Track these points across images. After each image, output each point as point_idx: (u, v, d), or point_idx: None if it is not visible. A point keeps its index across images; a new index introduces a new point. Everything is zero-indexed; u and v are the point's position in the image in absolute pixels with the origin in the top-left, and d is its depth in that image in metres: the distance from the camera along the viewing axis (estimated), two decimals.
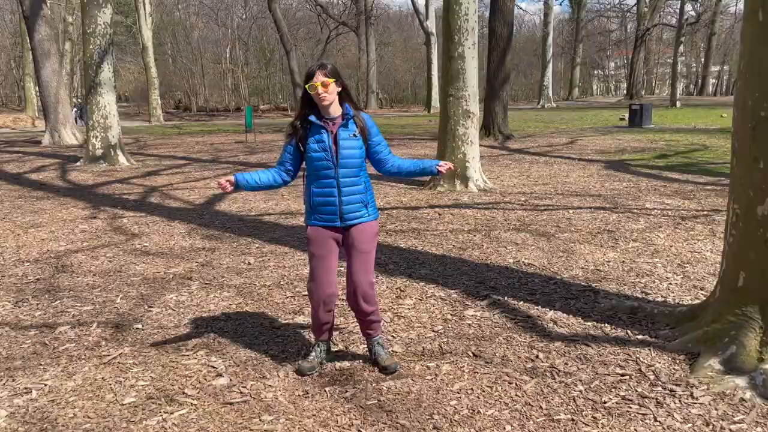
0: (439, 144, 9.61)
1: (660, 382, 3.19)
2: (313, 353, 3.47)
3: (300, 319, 4.20)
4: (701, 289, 4.66)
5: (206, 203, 8.62)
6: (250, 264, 5.53)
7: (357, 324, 3.64)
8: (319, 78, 3.13)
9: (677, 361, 3.42)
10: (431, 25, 34.86)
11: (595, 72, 67.55)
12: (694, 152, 13.54)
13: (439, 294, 4.64)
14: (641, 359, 3.45)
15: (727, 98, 43.00)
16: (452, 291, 4.69)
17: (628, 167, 11.37)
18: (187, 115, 38.39)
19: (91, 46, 12.92)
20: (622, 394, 3.09)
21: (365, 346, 3.68)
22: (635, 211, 7.46)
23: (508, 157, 13.19)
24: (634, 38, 43.61)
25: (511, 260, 5.46)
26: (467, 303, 4.43)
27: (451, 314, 4.22)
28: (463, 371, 3.37)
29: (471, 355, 3.58)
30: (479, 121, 10.93)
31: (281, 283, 4.98)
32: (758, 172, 3.29)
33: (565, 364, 3.44)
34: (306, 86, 3.18)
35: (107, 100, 13.19)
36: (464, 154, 9.24)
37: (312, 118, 3.22)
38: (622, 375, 3.28)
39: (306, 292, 4.08)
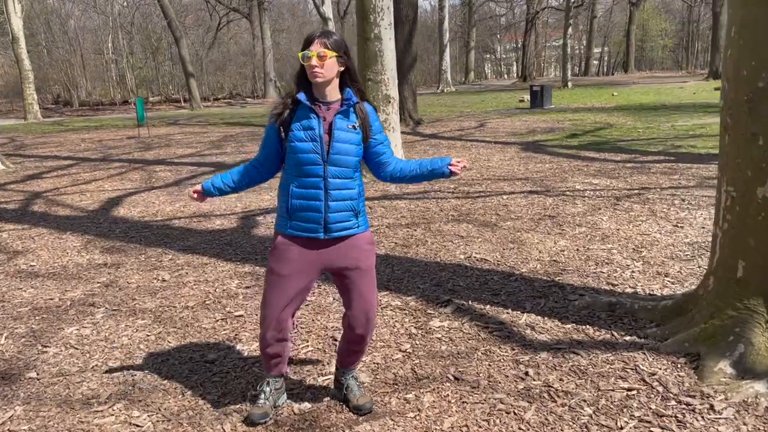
0: None
1: (671, 395, 2.81)
2: (263, 394, 2.80)
3: (239, 348, 3.51)
4: (666, 276, 4.39)
5: (102, 209, 7.57)
6: (165, 281, 4.72)
7: (306, 349, 3.01)
8: (317, 47, 2.46)
9: (679, 366, 3.06)
10: (327, 10, 33.89)
11: (487, 56, 69.25)
12: (600, 130, 13.75)
13: (395, 303, 4.08)
14: (640, 366, 3.07)
15: (612, 78, 45.23)
16: (408, 298, 4.15)
17: (545, 148, 11.30)
18: (69, 111, 35.36)
19: None
20: (636, 414, 2.67)
21: (325, 377, 3.07)
22: (568, 193, 7.24)
23: (425, 143, 12.81)
24: (525, 22, 44.79)
25: (462, 256, 5.00)
26: (429, 312, 3.90)
27: (415, 327, 3.68)
28: (450, 402, 2.84)
29: (452, 379, 3.05)
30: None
31: (207, 302, 4.24)
32: (757, 149, 2.96)
33: (560, 380, 2.99)
34: (299, 54, 2.50)
35: None
36: None
37: (301, 96, 2.54)
38: (628, 390, 2.87)
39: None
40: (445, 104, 26.02)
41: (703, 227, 5.53)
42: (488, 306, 3.94)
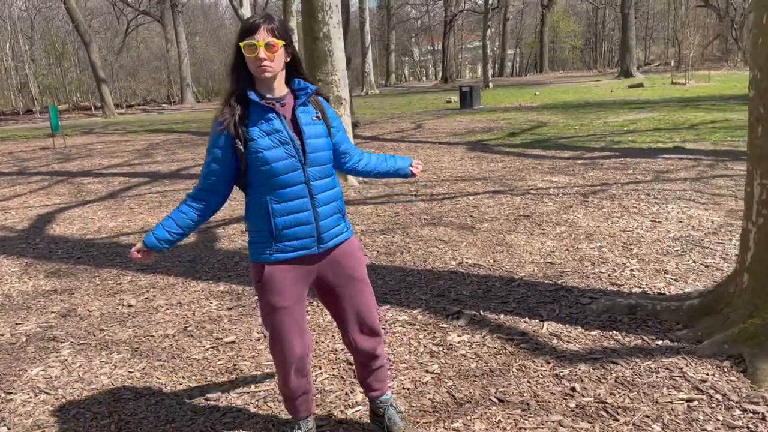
0: None
1: (734, 403, 2.64)
2: None
3: (242, 380, 3.09)
4: (666, 273, 4.30)
5: (33, 227, 6.81)
6: (131, 306, 4.20)
7: (321, 377, 2.66)
8: (264, 36, 2.06)
9: (725, 370, 2.92)
10: (246, 12, 33.07)
11: (405, 58, 69.87)
12: (537, 129, 13.92)
13: (402, 317, 3.76)
14: (688, 374, 2.90)
15: (528, 78, 46.55)
16: (414, 311, 3.84)
17: (491, 147, 11.27)
18: None
19: None
20: (707, 428, 2.48)
21: (353, 409, 2.73)
22: (532, 192, 7.15)
23: (369, 145, 12.52)
24: (444, 24, 45.38)
25: (454, 262, 4.74)
26: (442, 326, 3.61)
27: (433, 344, 3.38)
28: (505, 429, 2.56)
29: (496, 401, 2.77)
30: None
31: (188, 328, 3.77)
32: None
33: (612, 395, 2.77)
34: (241, 44, 2.08)
35: None
36: None
37: (252, 95, 2.12)
38: (688, 401, 2.69)
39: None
40: (373, 106, 25.83)
41: (680, 221, 5.54)
42: (502, 315, 3.70)
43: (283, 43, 2.11)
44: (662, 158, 8.95)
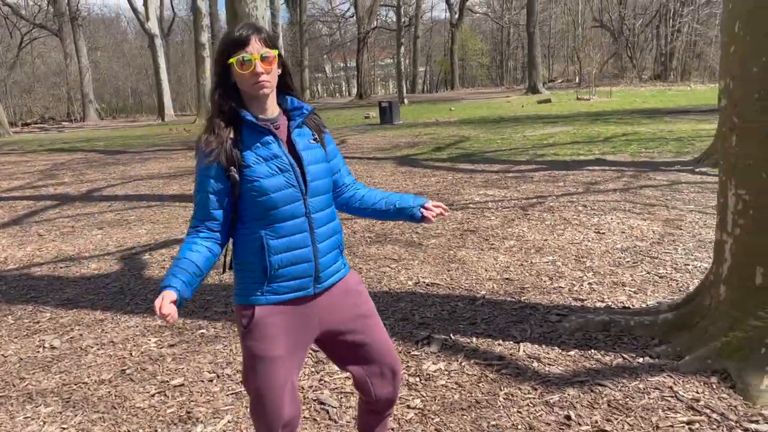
0: None
1: (733, 423, 2.55)
2: None
3: (199, 430, 2.71)
4: (623, 285, 4.26)
5: None
6: (55, 348, 3.68)
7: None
8: (258, 47, 1.79)
9: (714, 387, 2.83)
10: (153, 26, 31.88)
11: (318, 75, 69.69)
12: (460, 143, 14.04)
13: None
14: (679, 393, 2.79)
15: (440, 94, 47.49)
16: None
17: (419, 162, 11.20)
18: None
19: None
20: None
21: None
22: (471, 206, 7.07)
23: None
24: (357, 41, 45.59)
25: (410, 282, 4.51)
26: (414, 353, 3.36)
27: (408, 374, 3.12)
28: None
29: None
30: None
31: (126, 371, 3.32)
32: None
33: (608, 421, 2.62)
34: (230, 61, 1.79)
35: None
36: None
37: (247, 115, 1.83)
38: (688, 423, 2.57)
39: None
40: None
41: (623, 232, 5.58)
42: (474, 338, 3.50)
43: (277, 52, 1.84)
44: (587, 170, 9.16)
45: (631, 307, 3.86)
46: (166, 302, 1.71)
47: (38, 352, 3.64)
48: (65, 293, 4.71)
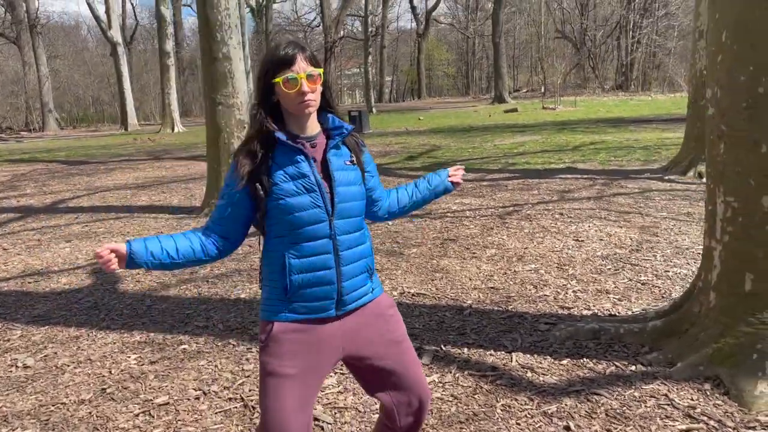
0: (209, 162, 8.03)
1: (731, 430, 2.55)
2: None
3: None
4: (607, 293, 4.28)
5: None
6: (29, 367, 3.51)
7: None
8: (303, 66, 1.76)
9: (708, 394, 2.84)
10: (116, 34, 31.24)
11: None
12: (432, 152, 14.08)
13: None
14: (675, 401, 2.79)
15: (408, 103, 47.72)
16: None
17: (393, 171, 11.18)
18: None
19: None
20: None
21: None
22: (449, 215, 7.06)
23: None
24: (324, 51, 45.55)
25: (396, 292, 4.46)
26: None
27: None
28: None
29: None
30: None
31: (107, 390, 3.19)
32: (760, 157, 2.87)
33: (607, 430, 2.60)
34: (276, 80, 1.76)
35: None
36: None
37: (280, 135, 1.80)
38: (687, 431, 2.57)
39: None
40: None
41: (601, 239, 5.63)
42: (465, 349, 3.45)
43: (322, 70, 1.81)
44: (559, 178, 9.26)
45: (617, 314, 3.88)
46: (107, 247, 1.71)
47: (11, 371, 3.47)
48: (35, 309, 4.52)
